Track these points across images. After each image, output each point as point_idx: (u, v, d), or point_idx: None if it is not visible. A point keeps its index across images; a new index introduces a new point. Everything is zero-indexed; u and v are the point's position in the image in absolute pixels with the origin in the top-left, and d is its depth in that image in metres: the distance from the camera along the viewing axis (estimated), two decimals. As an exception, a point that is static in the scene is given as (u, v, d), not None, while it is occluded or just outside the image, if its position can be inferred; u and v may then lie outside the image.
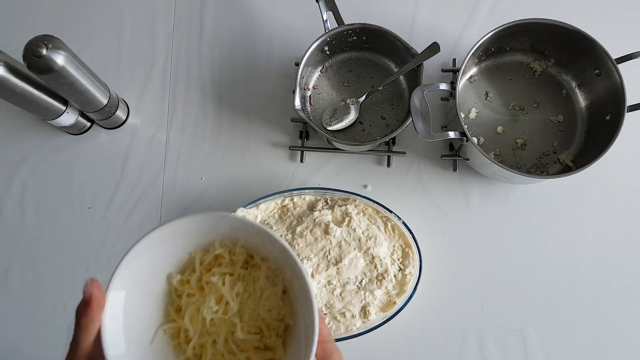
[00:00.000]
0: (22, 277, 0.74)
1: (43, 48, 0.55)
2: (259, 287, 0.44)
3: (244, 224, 0.42)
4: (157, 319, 0.44)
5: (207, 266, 0.45)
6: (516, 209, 0.74)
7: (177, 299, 0.44)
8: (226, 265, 0.44)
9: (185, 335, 0.44)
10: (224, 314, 0.43)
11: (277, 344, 0.44)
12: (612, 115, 0.67)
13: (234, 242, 0.45)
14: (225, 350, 0.43)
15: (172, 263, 0.45)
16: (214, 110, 0.78)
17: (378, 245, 0.68)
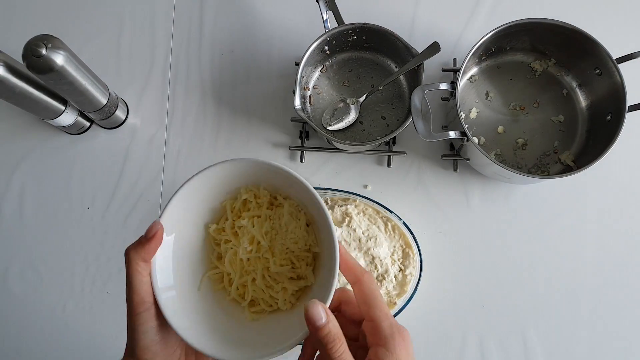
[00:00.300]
0: (21, 277, 0.74)
1: (42, 48, 0.55)
2: (284, 223, 0.48)
3: (267, 166, 0.45)
4: (199, 267, 0.48)
5: (237, 212, 0.49)
6: (517, 209, 0.74)
7: (216, 247, 0.49)
8: (253, 209, 0.49)
9: (228, 279, 0.48)
10: (257, 252, 0.47)
11: (307, 272, 0.48)
12: (612, 115, 0.67)
13: (257, 186, 0.49)
14: (264, 285, 0.48)
15: (206, 211, 0.49)
16: (213, 110, 0.78)
17: (378, 245, 0.68)
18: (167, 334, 0.42)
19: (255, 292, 0.48)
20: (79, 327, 0.73)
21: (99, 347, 0.72)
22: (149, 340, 0.41)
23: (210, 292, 0.48)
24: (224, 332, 0.45)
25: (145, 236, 0.42)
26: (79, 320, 0.73)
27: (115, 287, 0.73)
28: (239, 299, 0.49)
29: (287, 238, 0.48)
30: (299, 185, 0.44)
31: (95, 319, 0.73)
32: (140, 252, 0.42)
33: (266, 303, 0.48)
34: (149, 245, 0.42)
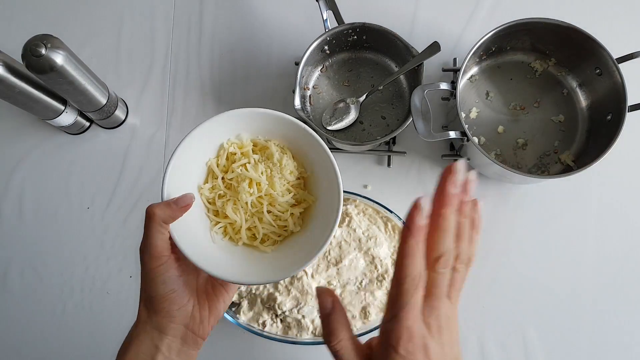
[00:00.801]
0: (21, 277, 0.74)
1: (42, 47, 0.55)
2: (276, 159, 0.53)
3: (247, 113, 0.50)
4: (202, 225, 0.52)
5: (224, 168, 0.53)
6: (517, 209, 0.74)
7: (211, 206, 0.53)
8: (239, 159, 0.53)
9: (232, 227, 0.53)
10: (259, 192, 0.52)
11: (305, 195, 0.54)
12: (613, 115, 0.67)
13: (238, 137, 0.54)
14: (271, 219, 0.53)
15: (197, 173, 0.53)
16: (213, 110, 0.78)
17: (378, 245, 0.68)
18: (182, 285, 0.47)
19: (264, 228, 0.53)
20: (78, 327, 0.73)
21: (98, 347, 0.72)
22: (167, 289, 0.45)
23: (222, 243, 0.53)
24: (242, 265, 0.50)
25: (176, 203, 0.46)
26: (78, 320, 0.73)
27: (115, 287, 0.73)
28: (250, 241, 0.53)
29: (284, 172, 0.53)
30: (279, 121, 0.51)
31: (95, 319, 0.73)
32: (166, 213, 0.45)
33: (276, 234, 0.54)
34: (177, 212, 0.46)
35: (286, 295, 0.65)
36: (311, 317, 0.66)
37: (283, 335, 0.67)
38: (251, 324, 0.67)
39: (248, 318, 0.67)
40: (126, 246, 0.74)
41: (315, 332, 0.66)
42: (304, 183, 0.56)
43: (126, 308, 0.73)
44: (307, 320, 0.66)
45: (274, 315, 0.67)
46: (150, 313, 0.45)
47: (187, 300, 0.47)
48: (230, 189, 0.53)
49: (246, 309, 0.67)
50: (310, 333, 0.66)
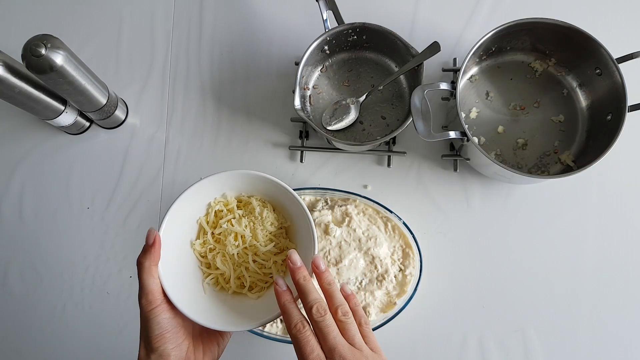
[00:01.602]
0: (21, 277, 0.74)
1: (42, 48, 0.55)
2: (257, 213, 0.59)
3: (230, 175, 0.56)
4: (195, 277, 0.58)
5: (212, 224, 0.59)
6: (517, 209, 0.74)
7: (202, 259, 0.59)
8: (226, 215, 0.59)
9: (222, 277, 0.58)
10: (243, 243, 0.58)
11: (286, 243, 0.60)
12: (613, 115, 0.67)
13: (224, 195, 0.59)
14: (257, 267, 0.58)
15: (188, 230, 0.58)
16: (213, 110, 0.78)
17: (378, 245, 0.68)
18: (177, 326, 0.51)
19: (251, 277, 0.58)
20: (78, 327, 0.73)
21: (98, 347, 0.72)
22: (162, 330, 0.49)
23: (214, 293, 0.58)
24: (230, 314, 0.56)
25: (147, 243, 0.51)
26: (78, 320, 0.73)
27: (115, 287, 0.73)
28: (239, 290, 0.59)
29: (265, 223, 0.59)
30: (260, 180, 0.57)
31: (94, 319, 0.73)
32: (149, 257, 0.50)
33: (262, 281, 0.59)
34: (154, 249, 0.51)
35: (286, 295, 0.65)
36: (311, 317, 0.66)
37: (283, 335, 0.67)
38: (251, 324, 0.66)
39: (248, 318, 0.67)
40: (126, 246, 0.74)
41: (315, 332, 0.66)
42: (286, 232, 0.61)
43: (126, 308, 0.73)
44: (307, 320, 0.66)
45: (274, 315, 0.67)
46: (148, 352, 0.49)
47: (182, 340, 0.51)
48: (219, 243, 0.59)
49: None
50: (310, 333, 0.66)
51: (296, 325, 0.48)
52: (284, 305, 0.50)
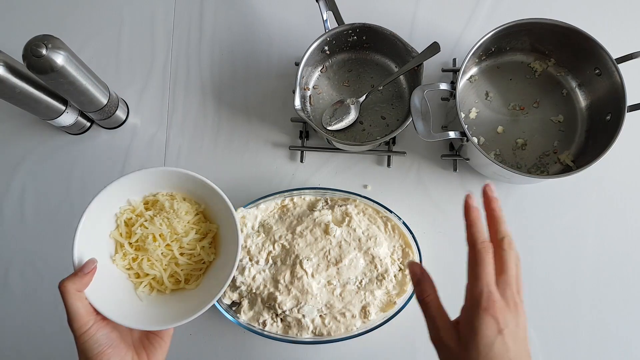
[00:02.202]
0: (21, 277, 0.74)
1: (43, 48, 0.55)
2: (168, 208, 0.59)
3: (126, 181, 0.56)
4: (128, 289, 0.58)
5: (127, 234, 0.59)
6: (516, 209, 0.74)
7: (130, 270, 0.58)
8: (137, 220, 0.59)
9: (155, 281, 0.59)
10: (164, 241, 0.58)
11: (208, 225, 0.61)
12: (612, 115, 0.67)
13: (129, 202, 0.59)
14: (187, 259, 0.59)
15: (106, 248, 0.58)
16: (213, 110, 0.78)
17: (378, 245, 0.68)
18: (115, 340, 0.51)
19: (183, 270, 0.59)
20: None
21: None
22: (102, 347, 0.49)
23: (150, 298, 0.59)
24: (169, 311, 0.56)
25: (82, 270, 0.51)
26: (79, 320, 0.73)
27: (116, 287, 0.73)
28: (176, 286, 0.60)
29: (179, 214, 0.59)
30: (156, 173, 0.57)
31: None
32: (77, 284, 0.50)
33: (197, 270, 0.60)
34: (85, 278, 0.51)
35: (286, 295, 0.65)
36: (311, 316, 0.66)
37: (283, 334, 0.67)
38: (251, 324, 0.67)
39: (248, 317, 0.67)
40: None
41: (316, 331, 0.67)
42: (204, 216, 0.62)
43: (127, 308, 0.73)
44: (307, 320, 0.66)
45: (274, 315, 0.67)
46: None
47: (124, 352, 0.51)
48: (140, 250, 0.59)
49: (246, 308, 0.67)
50: (310, 332, 0.66)
51: (483, 242, 0.45)
52: (473, 220, 0.47)
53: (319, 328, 0.66)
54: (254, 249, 0.67)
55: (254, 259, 0.67)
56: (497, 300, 0.42)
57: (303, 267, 0.66)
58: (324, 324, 0.67)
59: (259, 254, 0.67)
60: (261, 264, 0.67)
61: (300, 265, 0.66)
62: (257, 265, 0.67)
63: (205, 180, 0.57)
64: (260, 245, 0.68)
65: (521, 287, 0.45)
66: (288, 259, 0.67)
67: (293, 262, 0.66)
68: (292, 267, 0.66)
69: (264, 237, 0.68)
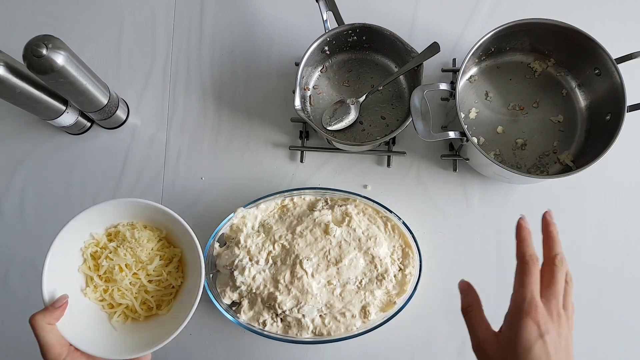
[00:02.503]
0: (22, 277, 0.74)
1: (43, 48, 0.55)
2: (129, 237, 0.60)
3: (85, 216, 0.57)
4: (102, 319, 0.59)
5: (95, 266, 0.60)
6: (516, 208, 0.74)
7: (102, 302, 0.60)
8: (102, 252, 0.60)
9: (128, 309, 0.60)
10: (130, 270, 0.59)
11: (172, 250, 0.63)
12: (612, 115, 0.67)
13: (92, 235, 0.61)
14: (155, 286, 0.61)
15: (76, 282, 0.59)
16: (214, 110, 0.78)
17: (378, 245, 0.68)
18: None
19: (154, 296, 0.61)
20: (79, 327, 0.73)
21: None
22: None
23: (125, 327, 0.60)
24: (144, 337, 0.58)
25: (53, 305, 0.52)
26: (79, 320, 0.73)
27: (116, 287, 0.73)
28: (149, 312, 0.61)
29: (142, 243, 0.60)
30: (112, 206, 0.58)
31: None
32: (48, 317, 0.51)
33: (167, 295, 0.62)
34: (56, 312, 0.52)
35: (286, 295, 0.65)
36: (311, 316, 0.66)
37: (283, 334, 0.67)
38: (251, 323, 0.67)
39: (248, 317, 0.67)
40: (127, 246, 0.74)
41: (315, 331, 0.67)
42: (167, 241, 0.64)
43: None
44: (307, 320, 0.66)
45: (274, 315, 0.67)
46: None
47: None
48: (109, 281, 0.60)
49: (246, 308, 0.67)
50: (310, 332, 0.66)
51: (532, 256, 0.47)
52: (524, 237, 0.49)
53: (319, 328, 0.66)
54: (254, 249, 0.67)
55: (254, 259, 0.67)
56: (539, 306, 0.44)
57: (303, 267, 0.66)
58: (324, 323, 0.67)
59: (259, 254, 0.67)
60: (261, 264, 0.67)
61: (300, 265, 0.66)
62: (257, 265, 0.67)
63: (161, 207, 0.58)
64: (260, 245, 0.68)
65: (570, 303, 0.47)
66: (288, 259, 0.67)
67: (293, 262, 0.66)
68: (292, 267, 0.66)
69: (264, 237, 0.68)
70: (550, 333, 0.42)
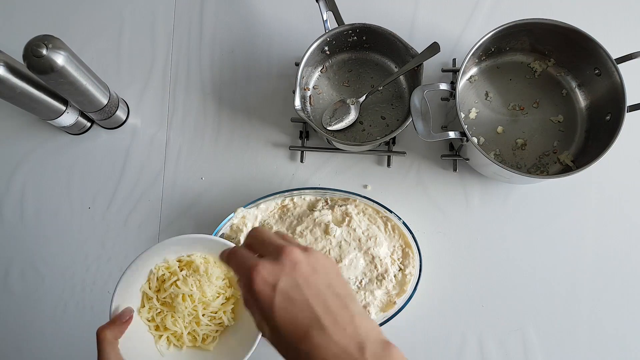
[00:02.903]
0: (22, 277, 0.74)
1: (43, 48, 0.55)
2: (202, 271, 0.61)
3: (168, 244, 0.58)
4: (149, 341, 0.60)
5: (157, 288, 0.61)
6: (516, 209, 0.74)
7: (151, 323, 0.60)
8: (170, 277, 0.60)
9: (174, 336, 0.61)
10: (192, 302, 0.60)
11: (233, 291, 0.63)
12: (612, 115, 0.67)
13: (165, 260, 0.61)
14: (207, 320, 0.61)
15: (136, 301, 0.60)
16: (214, 110, 0.78)
17: (378, 245, 0.68)
18: None
19: (203, 330, 0.61)
20: (79, 327, 0.73)
21: (99, 347, 0.72)
22: None
23: (168, 352, 0.61)
24: None
25: (120, 319, 0.53)
26: (79, 320, 0.73)
27: (116, 287, 0.74)
28: (193, 343, 0.61)
29: (211, 279, 0.60)
30: (195, 239, 0.60)
31: (96, 319, 0.73)
32: (114, 331, 0.51)
33: (214, 331, 0.62)
34: (123, 326, 0.52)
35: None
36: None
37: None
38: (251, 324, 0.67)
39: (248, 317, 0.67)
40: (127, 246, 0.74)
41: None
42: (229, 280, 0.64)
43: (127, 307, 0.73)
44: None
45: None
46: None
47: None
48: (166, 305, 0.61)
49: (246, 308, 0.67)
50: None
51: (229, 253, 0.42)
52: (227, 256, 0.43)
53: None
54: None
55: (254, 259, 0.67)
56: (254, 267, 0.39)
57: (303, 267, 0.66)
58: (324, 323, 0.67)
59: (259, 254, 0.67)
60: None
61: (300, 265, 0.66)
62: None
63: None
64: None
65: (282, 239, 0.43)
66: (288, 259, 0.67)
67: (293, 262, 0.66)
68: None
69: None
70: (280, 282, 0.38)
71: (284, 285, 0.37)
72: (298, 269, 0.38)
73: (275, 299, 0.37)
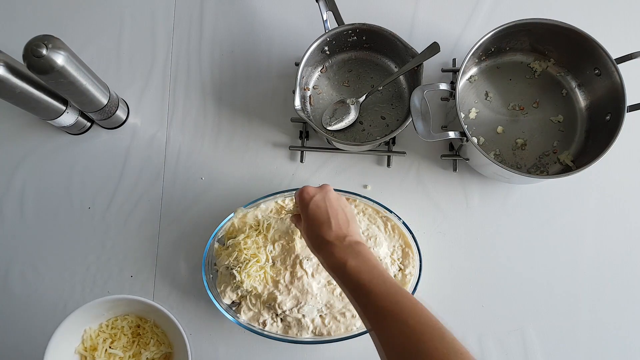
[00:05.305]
0: (22, 277, 0.74)
1: (43, 48, 0.55)
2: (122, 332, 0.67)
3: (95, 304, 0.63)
4: None
5: (91, 347, 0.66)
6: (516, 208, 0.74)
7: None
8: (93, 347, 0.67)
9: None
10: None
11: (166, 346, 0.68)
12: (612, 115, 0.67)
13: (91, 327, 0.67)
14: None
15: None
16: (214, 110, 0.78)
17: (378, 245, 0.68)
18: None
19: None
20: (79, 327, 0.73)
21: (99, 347, 0.72)
22: None
23: None
24: None
25: None
26: (79, 320, 0.73)
27: (116, 287, 0.73)
28: None
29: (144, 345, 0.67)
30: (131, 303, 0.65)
31: (95, 319, 0.73)
32: None
33: None
34: None
35: (286, 295, 0.65)
36: (311, 316, 0.66)
37: (283, 334, 0.67)
38: (251, 323, 0.67)
39: (248, 317, 0.67)
40: (127, 246, 0.74)
41: (316, 331, 0.67)
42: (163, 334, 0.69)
43: (127, 307, 0.73)
44: (307, 320, 0.66)
45: (274, 315, 0.67)
46: None
47: None
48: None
49: (246, 308, 0.67)
50: (310, 332, 0.66)
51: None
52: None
53: (319, 328, 0.66)
54: (253, 249, 0.67)
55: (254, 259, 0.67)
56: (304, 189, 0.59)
57: (303, 267, 0.66)
58: (324, 323, 0.67)
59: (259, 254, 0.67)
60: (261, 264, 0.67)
61: (300, 265, 0.66)
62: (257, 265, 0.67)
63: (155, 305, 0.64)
64: (261, 245, 0.68)
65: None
66: (288, 259, 0.67)
67: (293, 262, 0.66)
68: (292, 267, 0.66)
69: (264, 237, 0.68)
70: (316, 196, 0.58)
71: (317, 198, 0.58)
72: (327, 192, 0.58)
73: (310, 203, 0.57)
